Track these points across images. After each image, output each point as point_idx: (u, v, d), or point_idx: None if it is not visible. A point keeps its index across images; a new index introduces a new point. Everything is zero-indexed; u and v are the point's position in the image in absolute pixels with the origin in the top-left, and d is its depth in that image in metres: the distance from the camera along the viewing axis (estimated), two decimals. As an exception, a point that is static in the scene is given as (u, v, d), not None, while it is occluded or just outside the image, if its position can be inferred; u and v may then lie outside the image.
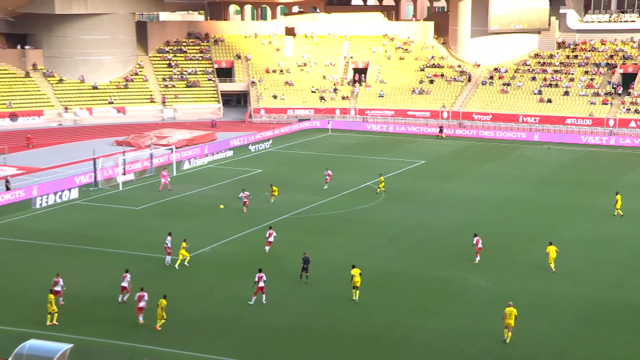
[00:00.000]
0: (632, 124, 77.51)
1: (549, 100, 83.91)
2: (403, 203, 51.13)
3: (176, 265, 37.93)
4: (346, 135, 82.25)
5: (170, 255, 38.39)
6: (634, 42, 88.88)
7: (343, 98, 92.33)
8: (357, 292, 33.25)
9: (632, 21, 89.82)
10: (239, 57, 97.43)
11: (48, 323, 30.96)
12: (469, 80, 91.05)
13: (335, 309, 32.80)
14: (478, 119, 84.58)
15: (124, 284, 33.16)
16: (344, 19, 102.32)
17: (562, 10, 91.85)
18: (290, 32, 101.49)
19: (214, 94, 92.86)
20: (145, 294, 31.10)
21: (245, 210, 47.85)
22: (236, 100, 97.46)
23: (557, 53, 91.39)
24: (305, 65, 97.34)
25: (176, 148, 65.72)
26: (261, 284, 32.83)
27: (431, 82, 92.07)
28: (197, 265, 38.16)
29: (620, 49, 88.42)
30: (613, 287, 34.73)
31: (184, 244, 38.33)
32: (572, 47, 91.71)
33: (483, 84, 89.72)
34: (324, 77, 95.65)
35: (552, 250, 36.98)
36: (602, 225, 45.06)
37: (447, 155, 70.61)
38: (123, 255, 40.13)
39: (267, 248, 40.34)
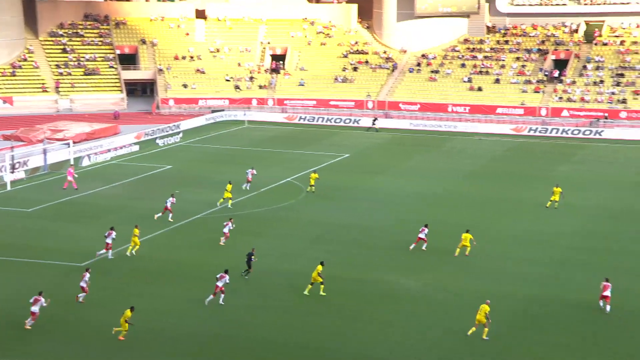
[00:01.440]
0: (565, 112, 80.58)
1: (479, 89, 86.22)
2: (327, 200, 51.48)
3: (128, 253, 39.54)
4: (264, 127, 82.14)
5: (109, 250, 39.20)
6: (565, 26, 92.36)
7: (260, 87, 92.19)
8: (322, 286, 34.57)
9: (563, 4, 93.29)
10: (143, 42, 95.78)
11: None
12: (395, 67, 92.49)
13: (257, 316, 32.74)
14: (405, 109, 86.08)
15: (82, 283, 33.77)
16: (260, 1, 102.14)
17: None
18: (201, 15, 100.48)
19: (116, 82, 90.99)
20: (42, 299, 31.13)
21: (170, 219, 46.53)
22: (142, 90, 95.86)
23: (487, 38, 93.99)
24: (218, 51, 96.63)
25: (74, 143, 64.08)
26: (221, 284, 33.47)
27: (355, 69, 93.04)
28: (101, 271, 37.35)
29: (552, 34, 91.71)
30: (547, 286, 35.95)
31: (136, 231, 39.61)
32: (502, 32, 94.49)
33: (410, 72, 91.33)
34: (239, 64, 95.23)
35: (465, 238, 39.04)
36: (536, 220, 46.61)
37: (374, 148, 71.51)
38: (14, 263, 38.87)
39: (223, 240, 41.73)
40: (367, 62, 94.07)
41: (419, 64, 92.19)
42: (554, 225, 45.49)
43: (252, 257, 37.13)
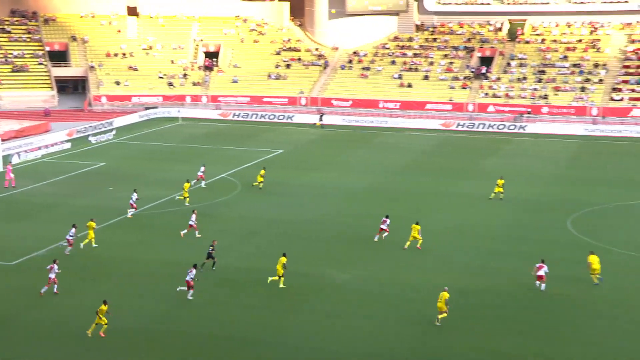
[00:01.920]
0: (491, 108, 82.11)
1: (409, 85, 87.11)
2: (261, 195, 51.17)
3: (93, 244, 39.29)
4: (198, 124, 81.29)
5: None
6: (490, 25, 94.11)
7: (194, 84, 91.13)
8: (281, 279, 34.54)
9: (487, 4, 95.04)
10: (74, 38, 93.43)
11: None
12: (327, 65, 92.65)
13: (190, 310, 32.25)
14: (338, 105, 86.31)
15: (52, 274, 33.37)
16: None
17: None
18: (132, 12, 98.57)
19: (46, 79, 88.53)
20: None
21: (130, 216, 45.64)
22: (73, 87, 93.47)
23: (416, 36, 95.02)
24: (150, 48, 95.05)
25: (2, 140, 62.03)
26: (188, 278, 33.35)
27: (288, 66, 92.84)
28: (32, 270, 36.20)
29: (477, 32, 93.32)
30: (472, 276, 36.50)
31: (92, 224, 39.52)
32: (430, 30, 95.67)
33: (342, 69, 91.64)
34: (172, 61, 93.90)
35: (414, 229, 39.58)
36: (464, 212, 47.30)
37: (308, 144, 71.51)
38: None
39: (183, 232, 41.57)
40: (299, 59, 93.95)
41: (350, 61, 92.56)
42: (482, 217, 46.19)
43: (212, 250, 36.75)
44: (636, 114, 77.21)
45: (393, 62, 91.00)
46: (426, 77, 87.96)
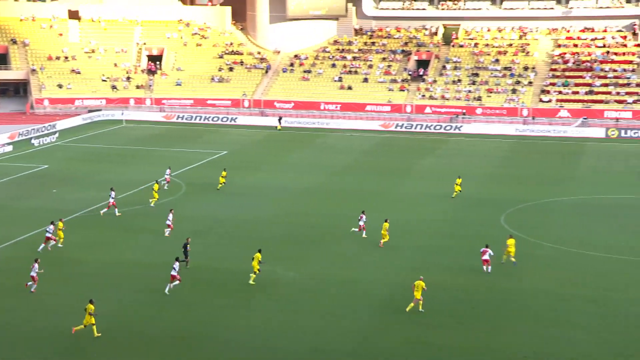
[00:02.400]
0: (428, 109, 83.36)
1: (349, 87, 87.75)
2: (206, 196, 50.89)
3: (59, 244, 39.19)
4: (142, 126, 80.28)
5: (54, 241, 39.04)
6: (426, 29, 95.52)
7: (137, 87, 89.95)
8: (252, 276, 34.85)
9: (423, 9, 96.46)
10: (14, 42, 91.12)
11: None
12: (269, 68, 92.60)
13: (139, 309, 31.91)
14: (280, 107, 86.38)
15: (32, 273, 33.48)
16: (135, 3, 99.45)
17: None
18: (74, 15, 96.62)
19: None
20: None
21: (103, 214, 45.52)
22: (14, 90, 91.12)
23: (356, 40, 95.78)
24: (93, 52, 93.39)
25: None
26: (174, 272, 33.54)
27: (231, 69, 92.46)
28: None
29: (414, 36, 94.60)
30: (414, 271, 36.98)
31: (60, 224, 39.50)
32: (369, 34, 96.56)
33: (284, 72, 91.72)
34: (115, 64, 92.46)
35: (384, 228, 40.34)
36: (402, 210, 47.94)
37: (251, 145, 71.40)
38: None
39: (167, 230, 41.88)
40: (242, 62, 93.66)
41: (292, 64, 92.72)
42: (421, 214, 46.87)
43: (187, 246, 36.86)
44: (563, 114, 79.48)
45: (333, 65, 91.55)
46: (366, 80, 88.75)
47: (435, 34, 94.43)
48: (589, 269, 37.18)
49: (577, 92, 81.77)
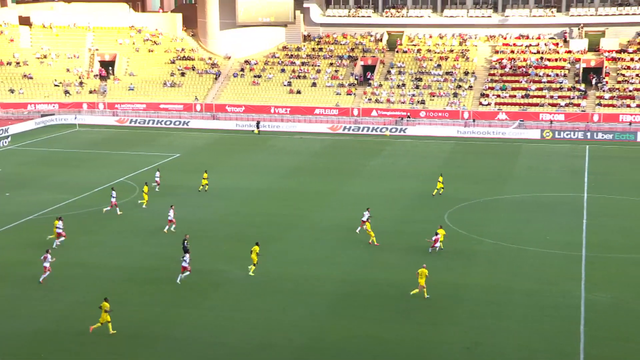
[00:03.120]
0: (374, 112, 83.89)
1: (298, 92, 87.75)
2: (160, 197, 50.23)
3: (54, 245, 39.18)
4: (96, 130, 78.96)
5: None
6: (371, 36, 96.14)
7: (90, 92, 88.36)
8: (252, 268, 35.80)
9: (368, 16, 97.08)
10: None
11: None
12: (219, 74, 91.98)
13: (89, 310, 31.28)
14: (231, 110, 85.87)
15: (46, 263, 34.30)
16: (86, 9, 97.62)
17: (305, 4, 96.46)
18: (25, 21, 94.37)
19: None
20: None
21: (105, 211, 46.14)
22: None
23: (304, 46, 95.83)
24: (45, 57, 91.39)
25: None
26: (185, 264, 34.72)
27: (182, 74, 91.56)
28: None
29: (360, 42, 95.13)
30: (362, 268, 37.30)
31: (56, 222, 39.64)
32: (317, 40, 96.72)
33: (234, 76, 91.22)
34: (68, 70, 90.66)
35: (368, 227, 41.44)
36: (353, 209, 48.09)
37: (203, 148, 70.84)
38: None
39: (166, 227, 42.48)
40: (193, 67, 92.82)
41: (242, 70, 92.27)
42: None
43: (185, 242, 37.26)
44: (502, 117, 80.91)
45: (283, 70, 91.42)
46: (314, 84, 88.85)
47: (380, 40, 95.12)
48: (526, 264, 37.86)
49: (514, 96, 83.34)
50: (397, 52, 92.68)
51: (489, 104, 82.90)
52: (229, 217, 46.17)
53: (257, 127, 78.97)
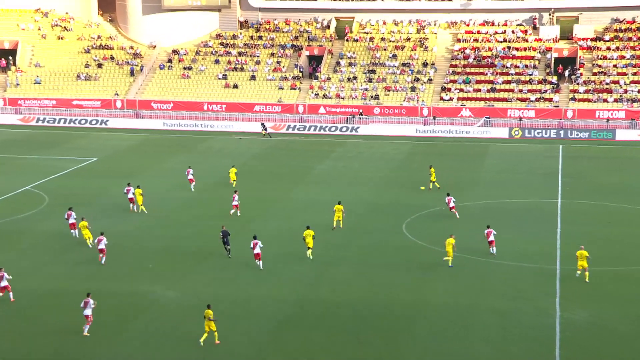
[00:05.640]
0: (322, 109, 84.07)
1: (235, 86, 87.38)
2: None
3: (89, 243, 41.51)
4: (-4, 131, 77.26)
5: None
6: (317, 22, 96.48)
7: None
8: (310, 252, 39.93)
9: (314, 0, 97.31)
10: None
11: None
12: (142, 69, 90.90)
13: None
14: (158, 107, 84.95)
15: (102, 245, 39.02)
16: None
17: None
18: None
19: None
20: (91, 300, 31.66)
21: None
22: None
23: (241, 33, 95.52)
24: None
25: None
26: (257, 250, 38.22)
27: (99, 66, 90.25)
28: None
29: (304, 30, 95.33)
30: (308, 286, 37.18)
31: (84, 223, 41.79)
32: (255, 27, 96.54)
33: (161, 68, 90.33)
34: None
35: (338, 209, 45.44)
36: (297, 219, 47.98)
37: (125, 151, 69.96)
38: None
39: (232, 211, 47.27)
40: (112, 57, 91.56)
41: (170, 61, 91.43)
42: (316, 223, 46.79)
43: (228, 235, 40.46)
44: (465, 114, 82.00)
45: (217, 62, 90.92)
46: (253, 77, 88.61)
47: (328, 27, 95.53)
48: (495, 279, 38.28)
49: (478, 90, 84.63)
50: (347, 40, 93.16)
51: (450, 99, 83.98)
52: (154, 229, 45.57)
53: (264, 128, 77.58)
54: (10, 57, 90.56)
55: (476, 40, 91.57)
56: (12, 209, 48.83)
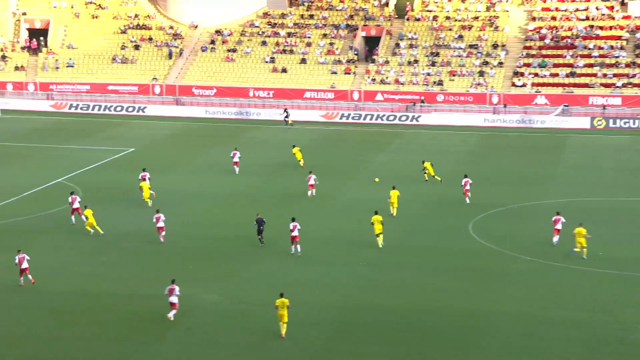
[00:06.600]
0: (379, 96, 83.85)
1: (284, 70, 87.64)
2: (107, 204, 50.04)
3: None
4: (24, 117, 79.15)
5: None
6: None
7: (16, 68, 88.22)
8: (380, 237, 42.03)
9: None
10: None
11: None
12: (182, 52, 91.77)
13: (18, 345, 31.05)
14: (199, 94, 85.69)
15: (161, 224, 42.32)
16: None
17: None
18: None
19: None
20: (176, 287, 33.34)
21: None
22: None
23: (290, 12, 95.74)
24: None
25: None
26: (295, 233, 40.45)
27: (136, 47, 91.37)
28: None
29: (360, 8, 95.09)
30: (361, 291, 37.06)
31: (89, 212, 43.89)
32: (306, 4, 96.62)
33: (203, 51, 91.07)
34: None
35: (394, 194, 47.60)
36: (349, 219, 47.92)
37: (163, 141, 70.94)
38: None
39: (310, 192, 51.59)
40: (150, 38, 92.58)
41: (212, 42, 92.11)
42: (364, 222, 46.62)
43: (264, 223, 42.29)
44: (540, 101, 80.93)
45: (264, 43, 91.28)
46: (303, 61, 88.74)
47: (387, 4, 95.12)
48: (572, 286, 37.76)
49: (556, 75, 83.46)
50: (408, 19, 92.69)
51: (524, 85, 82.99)
52: (193, 228, 46.03)
53: (287, 115, 77.75)
54: (41, 38, 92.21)
55: (554, 18, 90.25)
56: (42, 203, 49.79)
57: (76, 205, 45.58)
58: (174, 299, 33.36)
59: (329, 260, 40.82)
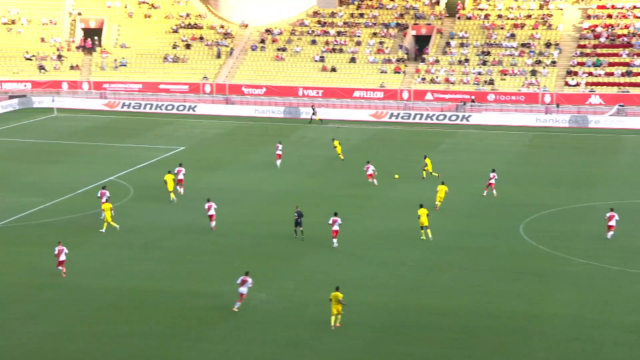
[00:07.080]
0: (429, 95, 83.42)
1: (334, 69, 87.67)
2: (158, 202, 50.53)
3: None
4: (79, 116, 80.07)
5: None
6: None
7: (72, 68, 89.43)
8: (428, 231, 42.79)
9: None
10: None
11: None
12: (232, 52, 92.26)
13: (62, 343, 31.44)
14: (249, 92, 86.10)
15: (212, 212, 43.92)
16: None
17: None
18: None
19: None
20: (249, 279, 34.16)
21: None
22: None
23: (340, 11, 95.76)
24: (13, 23, 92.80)
25: None
26: (335, 227, 41.40)
27: (188, 47, 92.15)
28: None
29: (411, 6, 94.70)
30: (409, 291, 36.90)
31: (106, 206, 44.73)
32: (356, 3, 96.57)
33: (253, 50, 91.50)
34: (43, 39, 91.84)
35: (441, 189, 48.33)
36: (396, 218, 47.71)
37: (213, 140, 71.40)
38: None
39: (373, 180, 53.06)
40: (201, 38, 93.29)
41: (262, 41, 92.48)
42: (412, 224, 46.39)
43: (302, 216, 42.85)
44: (595, 101, 79.83)
45: (313, 42, 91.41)
46: (353, 60, 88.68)
47: (437, 3, 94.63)
48: (629, 290, 37.17)
49: (611, 74, 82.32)
50: (459, 18, 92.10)
51: (577, 85, 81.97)
52: (242, 225, 46.21)
53: (314, 112, 78.10)
54: (96, 38, 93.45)
55: (610, 16, 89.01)
56: (96, 200, 50.32)
57: (104, 199, 46.25)
58: (243, 290, 34.07)
59: (380, 260, 40.67)
